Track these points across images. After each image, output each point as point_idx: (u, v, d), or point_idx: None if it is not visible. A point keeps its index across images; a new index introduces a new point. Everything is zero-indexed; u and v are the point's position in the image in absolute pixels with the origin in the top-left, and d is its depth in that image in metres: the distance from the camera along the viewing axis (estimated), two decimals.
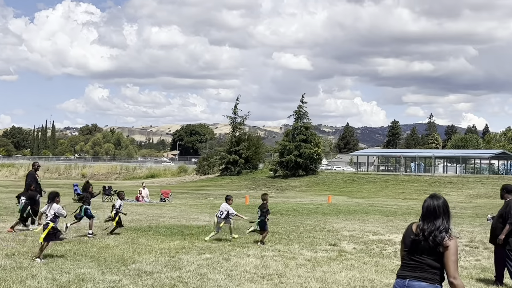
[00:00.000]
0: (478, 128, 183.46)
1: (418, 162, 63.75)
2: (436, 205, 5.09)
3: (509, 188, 11.04)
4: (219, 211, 15.64)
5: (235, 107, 65.75)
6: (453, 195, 42.97)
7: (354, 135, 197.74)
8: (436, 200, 5.13)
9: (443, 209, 5.09)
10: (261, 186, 53.99)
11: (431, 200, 5.15)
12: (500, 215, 10.94)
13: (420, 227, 5.11)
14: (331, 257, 13.48)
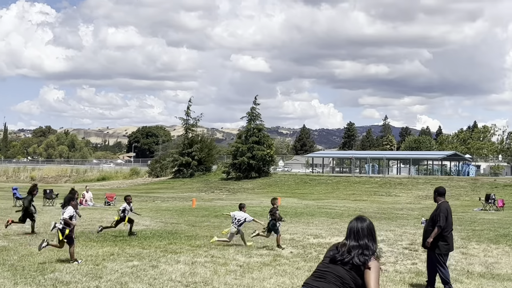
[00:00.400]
0: (432, 130, 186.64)
1: (370, 163, 64.14)
2: (360, 227, 5.05)
3: (441, 191, 10.84)
4: (235, 219, 15.48)
5: (187, 109, 65.06)
6: (403, 196, 43.27)
7: (311, 137, 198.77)
8: (360, 222, 5.09)
9: (367, 232, 5.04)
10: (214, 188, 53.45)
11: (356, 222, 5.12)
12: (431, 218, 10.72)
13: (343, 245, 5.05)
14: (265, 262, 13.10)
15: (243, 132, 61.49)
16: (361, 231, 5.01)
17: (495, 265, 13.60)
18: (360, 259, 4.87)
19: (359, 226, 5.05)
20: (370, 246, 4.98)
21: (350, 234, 5.07)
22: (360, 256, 4.89)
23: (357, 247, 4.93)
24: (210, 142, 66.77)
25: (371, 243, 5.00)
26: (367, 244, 4.97)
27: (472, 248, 16.40)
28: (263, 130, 60.98)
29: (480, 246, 16.84)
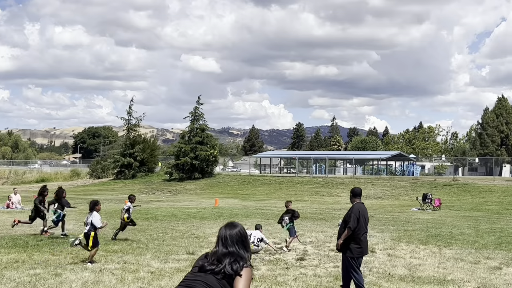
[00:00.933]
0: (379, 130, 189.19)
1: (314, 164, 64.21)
2: (229, 234, 4.73)
3: (356, 192, 10.40)
4: (254, 238, 14.81)
5: (129, 109, 63.65)
6: (344, 196, 43.19)
7: (260, 138, 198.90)
8: (229, 229, 4.77)
9: (236, 238, 4.71)
10: (155, 189, 52.41)
11: (225, 229, 4.79)
12: (344, 219, 10.27)
13: (213, 253, 4.70)
14: (179, 268, 12.46)
15: (186, 132, 60.51)
16: (230, 238, 4.68)
17: (418, 267, 13.32)
18: (232, 267, 4.54)
19: (228, 233, 4.71)
20: (242, 254, 4.65)
21: (218, 242, 4.73)
22: (232, 264, 4.56)
23: (228, 255, 4.61)
24: (153, 143, 65.50)
25: (242, 250, 4.67)
26: (238, 252, 4.64)
27: (400, 250, 16.16)
28: (207, 130, 60.14)
29: (409, 247, 16.62)
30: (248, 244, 4.77)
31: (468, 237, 18.98)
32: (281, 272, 12.40)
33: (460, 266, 13.49)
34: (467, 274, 12.56)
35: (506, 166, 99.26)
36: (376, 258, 14.66)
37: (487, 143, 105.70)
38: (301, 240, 16.99)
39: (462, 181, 47.67)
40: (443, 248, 16.52)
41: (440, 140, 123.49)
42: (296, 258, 14.30)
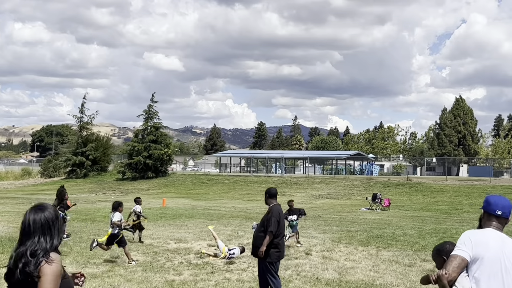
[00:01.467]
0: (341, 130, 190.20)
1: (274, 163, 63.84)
2: (32, 220, 3.62)
3: (272, 192, 9.76)
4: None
5: (82, 106, 62.07)
6: (297, 195, 42.82)
7: (221, 137, 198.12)
8: (34, 213, 3.65)
9: (42, 224, 3.60)
10: (107, 189, 51.22)
11: (30, 214, 3.66)
12: (262, 222, 9.61)
13: (14, 250, 3.62)
14: (95, 274, 11.71)
15: (139, 131, 59.32)
16: (33, 224, 3.60)
17: (350, 271, 12.85)
18: (29, 268, 3.47)
19: (32, 218, 3.63)
20: (44, 244, 3.56)
21: (22, 232, 3.66)
22: (30, 262, 3.49)
23: (25, 250, 3.53)
24: (106, 141, 64.07)
25: (46, 238, 3.59)
26: (41, 242, 3.57)
27: (337, 252, 15.71)
28: (161, 129, 59.05)
29: (347, 249, 16.20)
30: (57, 231, 3.67)
31: (410, 238, 18.66)
32: (204, 277, 11.78)
33: (393, 269, 13.08)
34: (398, 277, 12.15)
35: (463, 166, 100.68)
36: (309, 261, 14.17)
37: (445, 143, 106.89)
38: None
39: (415, 180, 47.77)
40: (382, 249, 16.14)
41: (399, 140, 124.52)
42: (226, 262, 13.70)
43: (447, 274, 4.04)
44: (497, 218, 4.25)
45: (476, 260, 4.02)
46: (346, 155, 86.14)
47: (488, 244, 4.05)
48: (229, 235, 18.51)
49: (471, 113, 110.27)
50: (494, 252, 4.03)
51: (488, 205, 4.34)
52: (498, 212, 4.24)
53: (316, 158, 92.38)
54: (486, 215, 4.35)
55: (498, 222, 4.25)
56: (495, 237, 4.13)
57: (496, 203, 4.29)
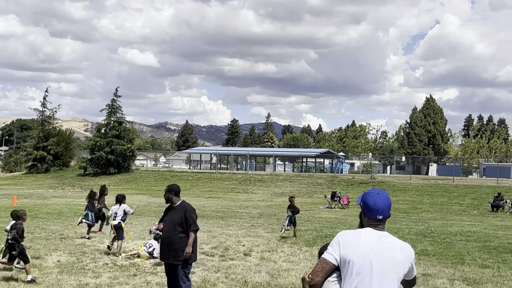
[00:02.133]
0: (315, 128, 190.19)
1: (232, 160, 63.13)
2: None
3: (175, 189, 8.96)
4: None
5: (44, 99, 60.65)
6: (259, 193, 42.23)
7: (194, 133, 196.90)
8: None
9: None
10: (67, 184, 50.01)
11: None
12: (176, 223, 8.75)
13: None
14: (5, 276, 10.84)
15: (102, 126, 58.03)
16: None
17: (284, 273, 12.15)
18: None
19: None
20: None
21: None
22: None
23: None
24: (68, 136, 62.64)
25: None
26: None
27: (279, 252, 15.04)
28: (124, 124, 57.84)
29: (291, 249, 15.55)
30: None
31: None
32: (123, 280, 10.98)
33: None
34: None
35: (432, 165, 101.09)
36: (245, 262, 13.44)
37: (415, 143, 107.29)
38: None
39: (380, 179, 47.45)
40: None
41: (370, 138, 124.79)
42: (155, 263, 12.92)
43: (309, 278, 3.80)
44: (378, 220, 3.92)
45: (345, 263, 3.75)
46: (315, 153, 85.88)
47: (358, 245, 3.77)
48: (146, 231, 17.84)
49: (441, 112, 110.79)
50: (363, 253, 3.75)
51: (368, 210, 3.95)
52: (379, 217, 3.91)
53: (285, 155, 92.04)
54: (367, 217, 3.99)
55: (378, 222, 3.93)
56: (369, 237, 3.83)
57: (376, 208, 3.91)
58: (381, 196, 3.96)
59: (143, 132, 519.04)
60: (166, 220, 8.87)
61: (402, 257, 3.82)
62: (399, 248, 3.85)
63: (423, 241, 17.91)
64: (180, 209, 8.78)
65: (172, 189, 8.86)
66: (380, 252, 3.77)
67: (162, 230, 8.98)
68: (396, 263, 3.80)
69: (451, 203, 36.04)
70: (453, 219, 27.17)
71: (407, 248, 3.91)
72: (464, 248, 16.73)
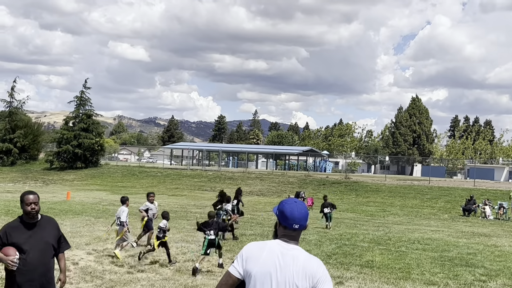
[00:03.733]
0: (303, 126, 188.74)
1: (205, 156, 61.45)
2: None
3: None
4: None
5: (12, 90, 58.40)
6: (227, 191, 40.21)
7: (180, 128, 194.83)
8: None
9: None
10: (30, 179, 48.01)
11: None
12: (49, 242, 6.36)
13: None
14: None
15: (70, 118, 55.89)
16: None
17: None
18: None
19: None
20: None
21: None
22: None
23: None
24: (36, 128, 60.46)
25: None
26: None
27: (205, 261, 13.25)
28: (93, 117, 55.74)
29: (213, 259, 13.79)
30: None
31: (305, 245, 16.32)
32: None
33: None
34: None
35: (417, 165, 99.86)
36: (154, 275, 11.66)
37: (400, 142, 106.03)
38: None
39: (354, 179, 45.75)
40: None
41: (356, 137, 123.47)
42: None
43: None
44: (294, 230, 3.67)
45: (248, 276, 3.62)
46: (298, 151, 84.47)
47: (260, 258, 3.61)
48: (68, 232, 16.20)
49: (427, 112, 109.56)
50: (264, 266, 3.58)
51: (284, 219, 3.68)
52: (295, 226, 3.66)
53: (267, 153, 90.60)
54: (282, 226, 3.71)
55: (293, 232, 3.66)
56: (272, 249, 3.63)
57: (292, 217, 3.65)
58: (298, 205, 3.71)
59: (132, 127, 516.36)
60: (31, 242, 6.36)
61: (302, 272, 3.55)
62: (302, 262, 3.59)
63: (373, 250, 16.23)
64: (55, 226, 6.40)
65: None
66: (281, 266, 3.57)
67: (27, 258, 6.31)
68: (297, 278, 3.56)
69: (422, 206, 34.40)
70: (418, 224, 25.52)
71: (311, 263, 3.60)
72: (416, 259, 15.06)
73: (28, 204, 5.58)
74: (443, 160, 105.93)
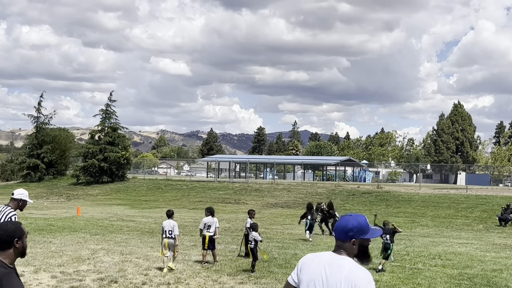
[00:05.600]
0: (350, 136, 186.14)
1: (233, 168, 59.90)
2: None
3: None
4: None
5: (39, 105, 58.10)
6: (252, 203, 38.76)
7: (218, 141, 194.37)
8: None
9: None
10: (55, 194, 47.30)
11: None
12: None
13: None
14: None
15: (95, 132, 55.13)
16: None
17: None
18: None
19: None
20: None
21: None
22: None
23: None
24: (64, 143, 59.96)
25: None
26: None
27: (195, 280, 11.67)
28: (119, 130, 54.85)
29: (208, 278, 12.22)
30: None
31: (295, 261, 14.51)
32: None
33: None
34: None
35: (461, 173, 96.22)
36: None
37: (442, 150, 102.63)
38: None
39: (386, 189, 43.42)
40: (251, 280, 12.11)
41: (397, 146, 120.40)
42: None
43: None
44: (343, 241, 3.69)
45: (300, 284, 3.74)
46: (336, 161, 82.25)
47: (310, 267, 3.72)
48: (51, 251, 14.81)
49: (470, 119, 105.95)
50: (311, 274, 3.67)
51: (335, 231, 3.77)
52: (343, 237, 3.66)
53: (303, 163, 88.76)
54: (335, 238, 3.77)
55: (343, 243, 3.67)
56: (323, 259, 3.70)
57: (341, 228, 3.69)
58: (345, 218, 3.75)
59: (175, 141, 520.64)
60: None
61: (345, 282, 3.53)
62: (346, 272, 3.55)
63: (384, 267, 14.29)
64: None
65: None
66: (326, 275, 3.62)
67: None
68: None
69: (456, 216, 31.98)
70: (447, 236, 23.30)
71: (355, 273, 3.55)
72: (430, 278, 13.10)
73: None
74: (488, 168, 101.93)
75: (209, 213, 14.72)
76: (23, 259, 9.93)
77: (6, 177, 59.66)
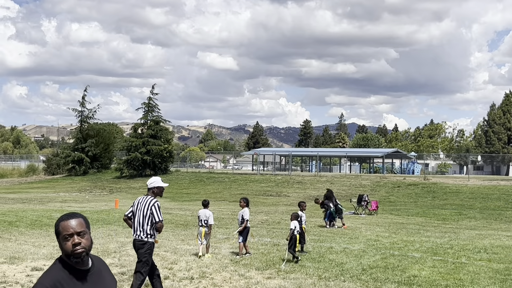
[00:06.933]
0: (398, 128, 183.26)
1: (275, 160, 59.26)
2: None
3: None
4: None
5: (83, 99, 58.52)
6: (293, 196, 38.09)
7: (264, 134, 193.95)
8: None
9: None
10: (98, 187, 47.51)
11: None
12: None
13: None
14: None
15: (138, 125, 55.22)
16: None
17: None
18: None
19: None
20: None
21: None
22: None
23: None
24: (108, 137, 60.33)
25: None
26: None
27: (222, 274, 11.10)
28: (161, 123, 54.80)
29: (235, 272, 11.69)
30: None
31: (343, 257, 13.76)
32: None
33: None
34: None
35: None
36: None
37: (493, 141, 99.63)
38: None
39: (433, 180, 42.00)
40: (280, 276, 11.43)
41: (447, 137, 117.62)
42: None
43: None
44: None
45: None
46: (382, 153, 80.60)
47: None
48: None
49: None
50: None
51: None
52: None
53: (349, 155, 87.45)
54: None
55: None
56: None
57: None
58: None
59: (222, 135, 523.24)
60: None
61: None
62: None
63: (425, 262, 13.41)
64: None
65: None
66: None
67: None
68: None
69: (506, 207, 30.54)
70: (495, 229, 22.07)
71: None
72: (473, 272, 12.15)
73: (67, 236, 3.16)
74: None
75: (244, 203, 14.11)
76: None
77: (52, 171, 60.44)
